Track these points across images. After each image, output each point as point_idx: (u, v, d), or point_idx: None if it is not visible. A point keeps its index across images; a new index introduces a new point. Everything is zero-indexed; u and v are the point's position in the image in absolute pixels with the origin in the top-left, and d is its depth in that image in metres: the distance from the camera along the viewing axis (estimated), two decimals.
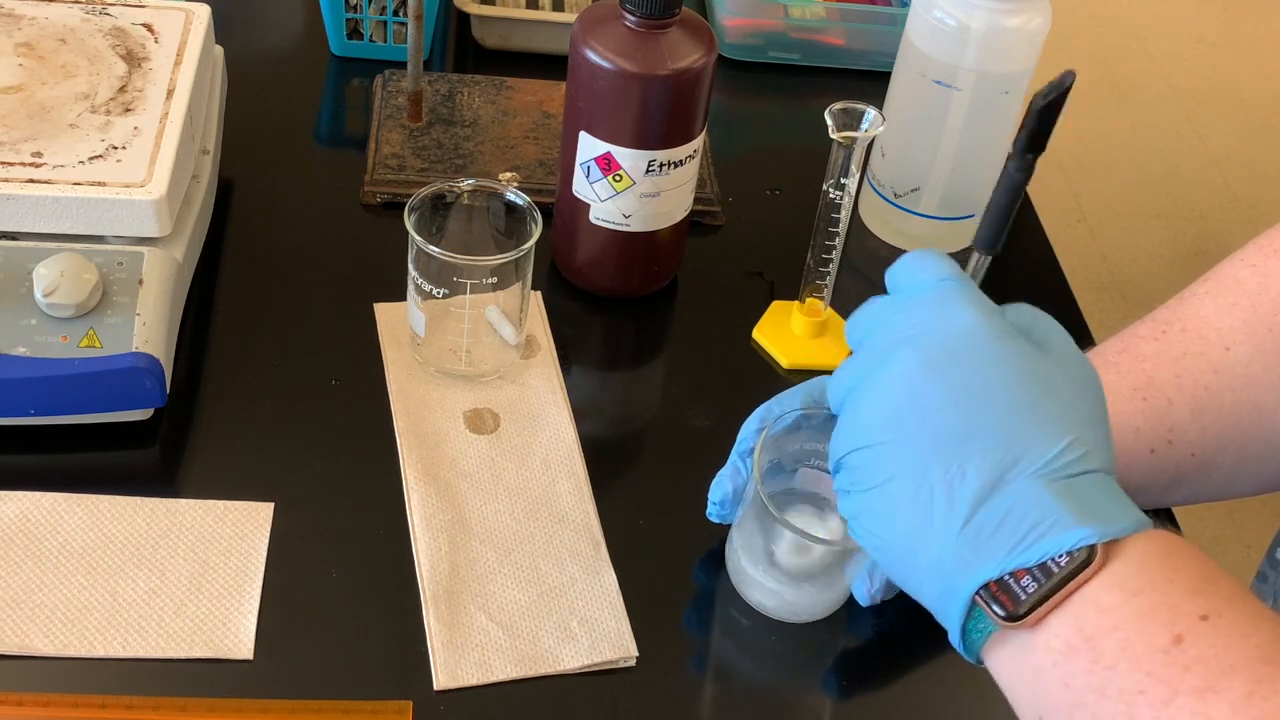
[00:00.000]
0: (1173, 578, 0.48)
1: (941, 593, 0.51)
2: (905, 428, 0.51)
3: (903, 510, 0.51)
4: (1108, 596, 0.48)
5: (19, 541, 0.69)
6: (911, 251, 0.57)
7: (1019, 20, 0.87)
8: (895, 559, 0.53)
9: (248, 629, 0.67)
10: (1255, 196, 2.70)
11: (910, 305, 0.54)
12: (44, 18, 0.85)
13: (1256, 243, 0.73)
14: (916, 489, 0.51)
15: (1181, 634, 0.47)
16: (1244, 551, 1.98)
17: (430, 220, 0.79)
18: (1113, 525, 0.49)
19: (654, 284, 0.90)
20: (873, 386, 0.53)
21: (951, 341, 0.52)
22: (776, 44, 1.14)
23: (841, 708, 0.69)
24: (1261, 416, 0.69)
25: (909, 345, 0.52)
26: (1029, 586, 0.48)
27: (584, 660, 0.68)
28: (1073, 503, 0.49)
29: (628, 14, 0.78)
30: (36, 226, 0.74)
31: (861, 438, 0.52)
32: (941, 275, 0.54)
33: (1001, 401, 0.51)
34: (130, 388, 0.72)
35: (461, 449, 0.77)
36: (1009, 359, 0.52)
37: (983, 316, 0.53)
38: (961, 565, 0.50)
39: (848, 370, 0.55)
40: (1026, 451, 0.50)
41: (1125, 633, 0.47)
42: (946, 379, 0.51)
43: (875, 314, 0.55)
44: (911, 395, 0.51)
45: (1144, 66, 3.04)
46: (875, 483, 0.52)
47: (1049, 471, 0.50)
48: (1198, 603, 0.47)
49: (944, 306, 0.53)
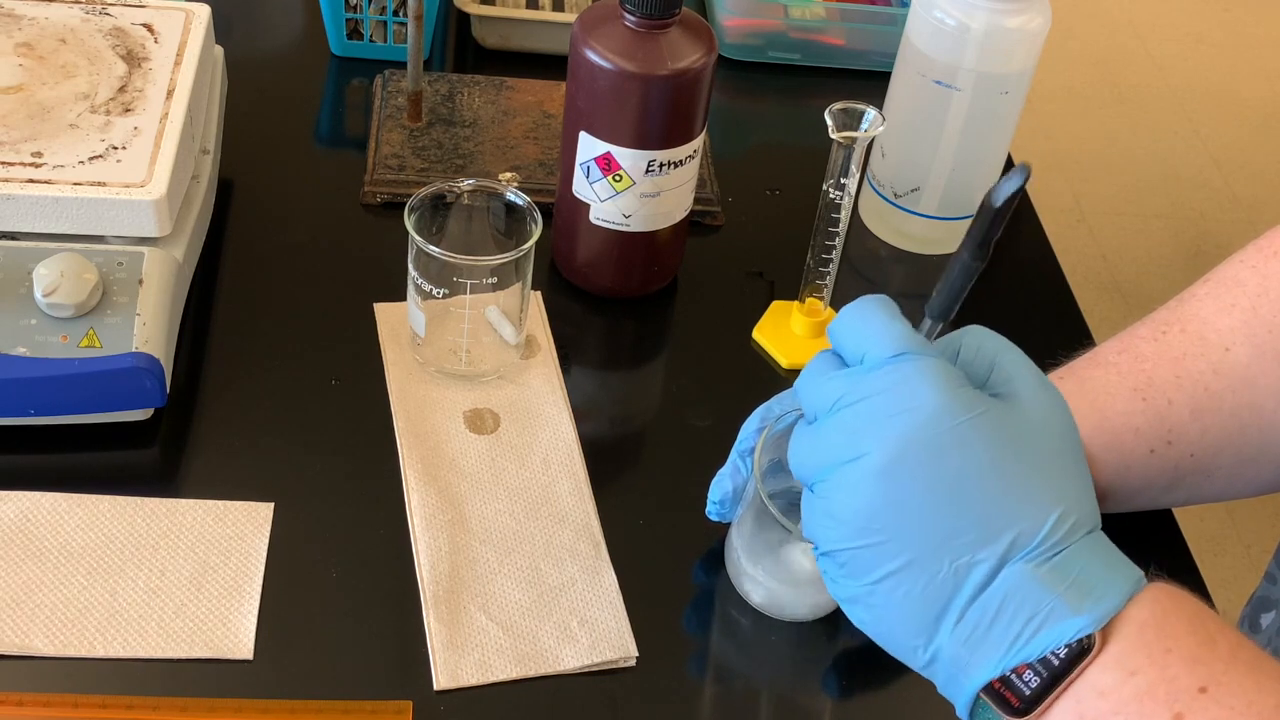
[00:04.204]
0: (1170, 647, 0.48)
1: (945, 683, 0.51)
2: (889, 530, 0.50)
3: (895, 608, 0.50)
4: (1105, 679, 0.47)
5: (19, 541, 0.69)
6: (856, 305, 0.53)
7: (1019, 20, 0.87)
8: (895, 648, 0.52)
9: (248, 629, 0.67)
10: (1255, 196, 2.70)
11: (867, 386, 0.51)
12: (44, 18, 0.85)
13: (1256, 244, 0.73)
14: (908, 589, 0.50)
15: (1182, 712, 0.46)
16: (1244, 551, 1.98)
17: (430, 220, 0.79)
18: (1106, 602, 0.48)
19: (654, 284, 0.90)
20: (847, 482, 0.50)
21: (919, 430, 0.49)
22: (776, 44, 1.14)
23: (841, 708, 0.69)
24: (1261, 418, 0.69)
25: (877, 439, 0.50)
26: (1031, 681, 0.48)
27: (584, 660, 0.68)
28: (1065, 587, 0.48)
29: (628, 14, 0.78)
30: (36, 226, 0.74)
31: (846, 537, 0.51)
32: (894, 347, 0.51)
33: (983, 491, 0.49)
34: (130, 388, 0.72)
35: (461, 449, 0.77)
36: (981, 438, 0.49)
37: (945, 396, 0.50)
38: (961, 664, 0.49)
39: (812, 450, 0.52)
40: (1017, 537, 0.49)
41: (1125, 716, 0.47)
42: (923, 474, 0.49)
43: (831, 387, 0.52)
44: (890, 496, 0.49)
45: (1144, 66, 3.04)
46: (866, 581, 0.51)
47: (1039, 553, 0.49)
48: (1197, 673, 0.47)
49: (903, 388, 0.50)
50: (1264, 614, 0.84)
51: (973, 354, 0.54)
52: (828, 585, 0.53)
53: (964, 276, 0.56)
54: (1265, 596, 0.85)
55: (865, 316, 0.53)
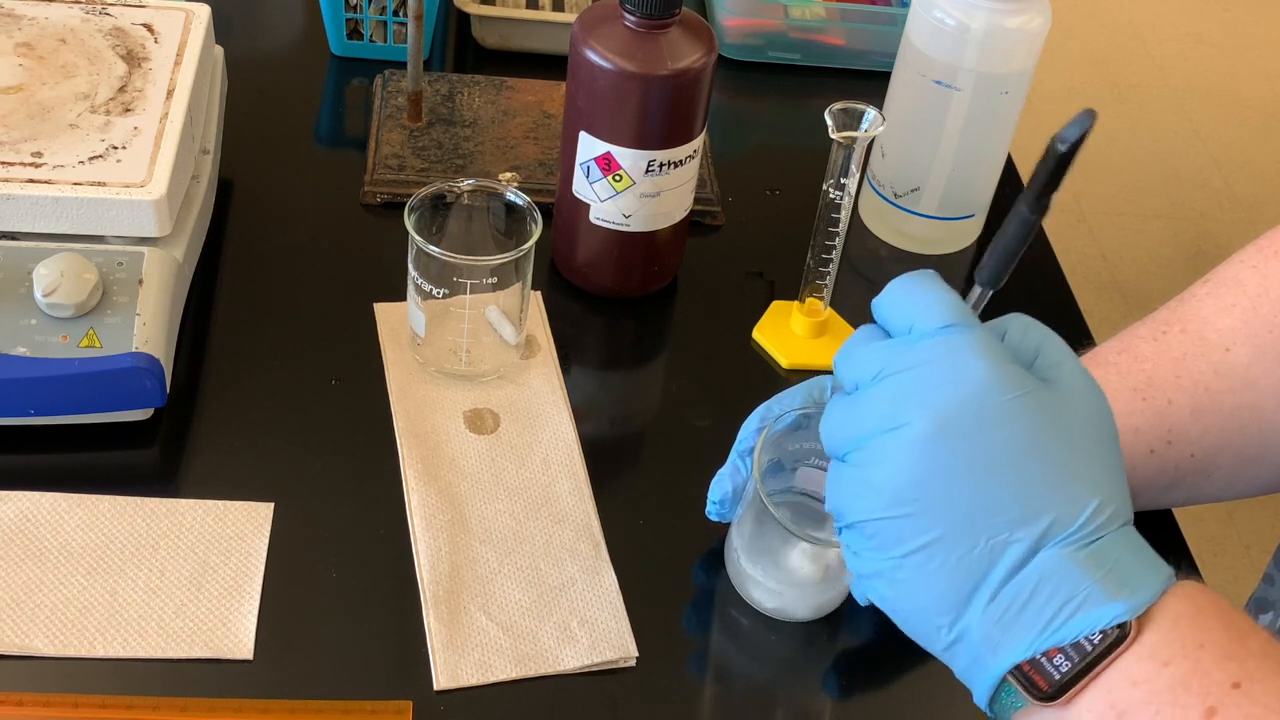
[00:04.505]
0: (1204, 641, 0.47)
1: (969, 665, 0.50)
2: (926, 500, 0.49)
3: (924, 584, 0.50)
4: (1139, 669, 0.47)
5: (19, 541, 0.69)
6: (904, 278, 0.53)
7: (1019, 20, 0.87)
8: (914, 627, 0.52)
9: (248, 629, 0.67)
10: (1255, 196, 2.70)
11: (915, 356, 0.50)
12: (44, 18, 0.85)
13: (1257, 244, 0.73)
14: (941, 563, 0.49)
15: (1214, 706, 0.46)
16: (1244, 552, 1.98)
17: (430, 220, 0.79)
18: (1143, 593, 0.48)
19: (654, 284, 0.90)
20: (886, 451, 0.50)
21: (967, 403, 0.49)
22: (776, 44, 1.14)
23: (841, 708, 0.69)
24: (1261, 418, 0.69)
25: (922, 408, 0.49)
26: (1062, 665, 0.48)
27: (584, 660, 0.68)
28: (1102, 574, 0.48)
29: (628, 14, 0.78)
30: (36, 226, 0.74)
31: (881, 506, 0.50)
32: (945, 319, 0.51)
33: (1025, 470, 0.48)
34: (130, 388, 0.72)
35: (461, 449, 0.77)
36: (1027, 417, 0.49)
37: (995, 370, 0.49)
38: (991, 645, 0.49)
39: (849, 419, 0.52)
40: (1054, 521, 0.48)
41: (1158, 706, 0.47)
42: (966, 447, 0.48)
43: (875, 357, 0.51)
44: (931, 465, 0.49)
45: (1144, 66, 3.04)
46: (895, 554, 0.50)
47: (1077, 539, 0.48)
48: (1229, 669, 0.47)
49: (953, 359, 0.49)
50: (1262, 615, 0.84)
51: (1019, 337, 0.53)
52: (848, 561, 0.53)
53: (1021, 234, 0.53)
54: (1263, 598, 0.85)
55: (914, 288, 0.52)
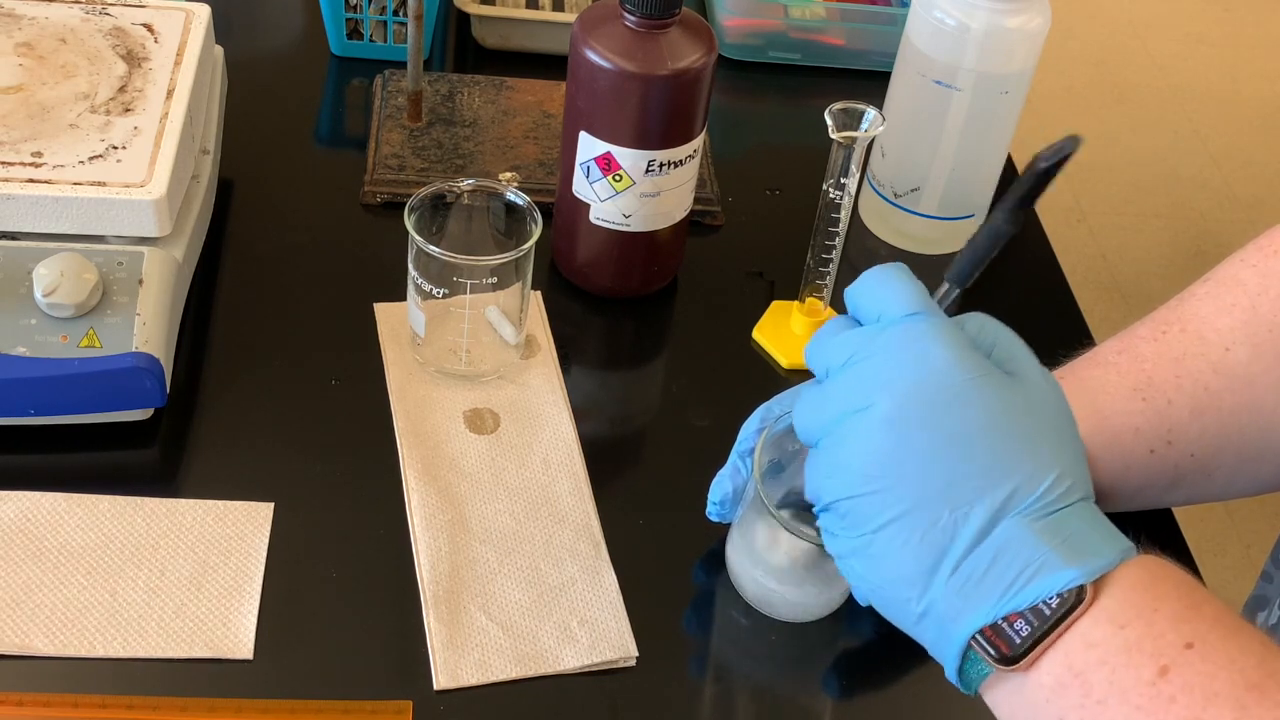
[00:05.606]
0: (1158, 606, 0.49)
1: (937, 637, 0.52)
2: (892, 476, 0.51)
3: (893, 557, 0.51)
4: (1096, 631, 0.49)
5: (19, 541, 0.69)
6: (873, 270, 0.55)
7: (1019, 20, 0.87)
8: (887, 602, 0.53)
9: (248, 629, 0.67)
10: (1255, 196, 2.70)
11: (880, 342, 0.53)
12: (44, 18, 0.85)
13: (1256, 243, 0.73)
14: (907, 537, 0.51)
15: (1167, 665, 0.48)
16: (1244, 552, 1.98)
17: (430, 220, 0.79)
18: (1099, 560, 0.49)
19: (654, 284, 0.90)
20: (854, 432, 0.52)
21: (929, 385, 0.51)
22: (776, 44, 1.14)
23: (841, 708, 0.69)
24: (1261, 417, 0.69)
25: (885, 389, 0.51)
26: (1022, 630, 0.49)
27: (584, 660, 0.68)
28: (1058, 541, 0.49)
29: (628, 14, 0.78)
30: (36, 226, 0.74)
31: (851, 485, 0.52)
32: (910, 307, 0.53)
33: (986, 445, 0.50)
34: (130, 388, 0.72)
35: (461, 449, 0.77)
36: (987, 398, 0.51)
37: (956, 355, 0.52)
38: (953, 613, 0.50)
39: (818, 406, 0.54)
40: (1014, 491, 0.50)
41: (1113, 666, 0.48)
42: (930, 425, 0.51)
43: (843, 345, 0.54)
44: (897, 444, 0.51)
45: (1144, 66, 3.04)
46: (866, 530, 0.52)
47: (1037, 509, 0.50)
48: (1182, 631, 0.48)
49: (916, 345, 0.52)
50: (1260, 612, 0.84)
51: (976, 330, 0.55)
52: (827, 543, 0.55)
53: (990, 241, 0.57)
54: (1261, 595, 0.85)
55: (884, 280, 0.55)
